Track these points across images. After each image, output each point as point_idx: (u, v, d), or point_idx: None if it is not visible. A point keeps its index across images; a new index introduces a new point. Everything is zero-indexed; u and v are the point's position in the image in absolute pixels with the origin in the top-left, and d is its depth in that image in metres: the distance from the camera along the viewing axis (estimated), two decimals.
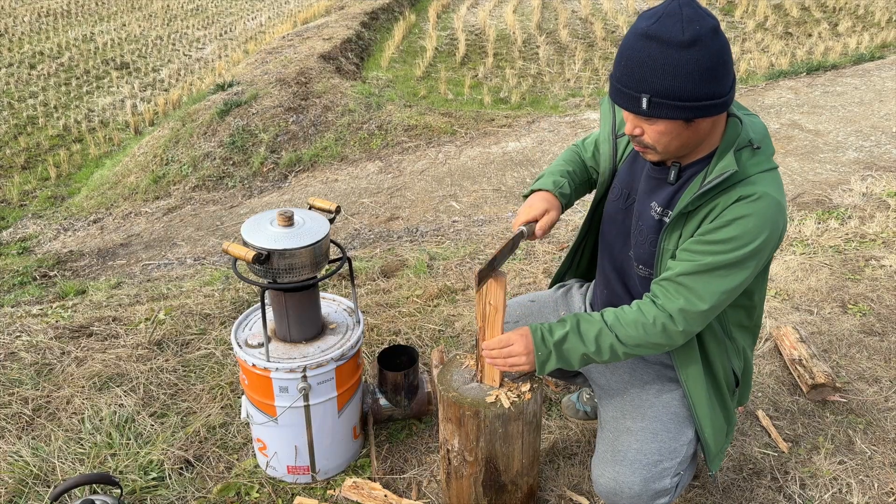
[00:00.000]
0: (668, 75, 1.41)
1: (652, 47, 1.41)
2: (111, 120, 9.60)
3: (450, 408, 1.85)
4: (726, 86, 1.46)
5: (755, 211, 1.49)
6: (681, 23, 1.40)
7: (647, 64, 1.42)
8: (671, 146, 1.53)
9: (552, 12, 13.07)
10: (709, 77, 1.41)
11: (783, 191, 1.57)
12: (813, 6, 12.04)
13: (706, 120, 1.50)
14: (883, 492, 2.14)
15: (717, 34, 1.41)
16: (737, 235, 1.50)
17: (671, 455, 1.72)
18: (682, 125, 1.48)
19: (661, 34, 1.40)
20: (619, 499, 1.72)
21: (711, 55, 1.40)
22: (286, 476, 2.23)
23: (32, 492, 2.20)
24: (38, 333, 3.12)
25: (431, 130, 6.99)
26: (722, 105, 1.47)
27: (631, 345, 1.62)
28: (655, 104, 1.44)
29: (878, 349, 2.85)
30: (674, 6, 1.42)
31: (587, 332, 1.64)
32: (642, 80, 1.43)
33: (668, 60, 1.40)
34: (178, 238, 5.64)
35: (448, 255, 3.98)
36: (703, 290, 1.55)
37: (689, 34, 1.39)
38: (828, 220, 4.17)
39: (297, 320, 2.09)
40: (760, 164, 1.54)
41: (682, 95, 1.42)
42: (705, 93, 1.43)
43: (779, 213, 1.52)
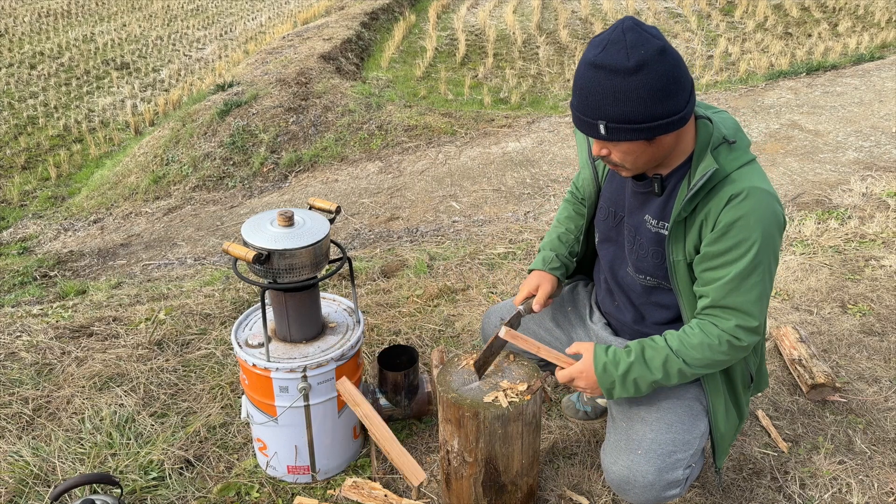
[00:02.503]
0: (620, 102, 1.45)
1: (601, 76, 1.45)
2: (111, 120, 9.60)
3: (449, 408, 1.85)
4: (681, 102, 1.49)
5: (749, 209, 1.53)
6: (625, 49, 1.43)
7: (598, 92, 1.46)
8: (639, 163, 1.58)
9: (552, 12, 13.07)
10: (660, 98, 1.45)
11: (766, 177, 1.61)
12: (813, 6, 12.04)
13: (668, 135, 1.54)
14: (883, 492, 2.14)
15: (663, 55, 1.44)
16: (742, 239, 1.54)
17: (685, 446, 1.73)
18: (644, 144, 1.53)
19: (607, 62, 1.44)
20: (631, 488, 1.73)
21: (659, 77, 1.44)
22: (286, 476, 2.23)
23: (32, 492, 2.20)
24: (39, 333, 3.12)
25: (431, 130, 7.00)
26: (679, 121, 1.50)
27: (699, 366, 1.65)
28: (612, 129, 1.49)
29: (878, 349, 2.85)
30: (617, 33, 1.45)
31: (653, 360, 1.66)
32: (597, 107, 1.48)
33: (617, 87, 1.44)
34: (178, 238, 5.64)
35: (448, 255, 3.98)
36: (745, 304, 1.58)
37: (635, 60, 1.42)
38: (828, 220, 4.17)
39: (298, 320, 2.10)
40: (739, 158, 1.58)
41: (636, 119, 1.46)
42: (659, 112, 1.46)
43: (770, 201, 1.55)
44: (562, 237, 2.07)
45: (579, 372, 1.72)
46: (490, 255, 3.90)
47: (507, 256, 3.88)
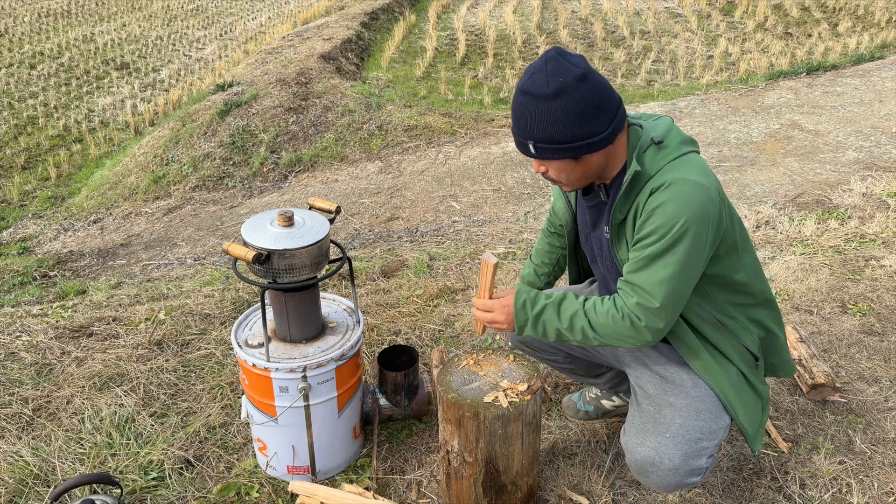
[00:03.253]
0: (543, 124, 1.60)
1: (527, 101, 1.61)
2: (111, 120, 9.60)
3: (449, 409, 1.85)
4: (601, 125, 1.61)
5: (669, 197, 1.60)
6: (546, 77, 1.58)
7: (526, 115, 1.63)
8: (573, 178, 1.72)
9: (552, 12, 13.07)
10: (579, 121, 1.59)
11: (701, 169, 1.66)
12: (813, 6, 12.04)
13: (595, 154, 1.66)
14: (883, 492, 2.14)
15: (583, 81, 1.58)
16: (660, 224, 1.61)
17: (711, 435, 1.77)
18: (572, 162, 1.67)
19: (531, 89, 1.60)
20: (655, 470, 1.75)
21: (578, 101, 1.58)
22: (286, 476, 2.23)
23: (32, 492, 2.20)
24: (39, 333, 3.12)
25: (431, 130, 7.00)
26: (601, 141, 1.63)
27: (601, 333, 1.72)
28: (540, 149, 1.65)
29: (878, 349, 2.85)
30: (541, 63, 1.61)
31: (565, 310, 1.75)
32: (526, 129, 1.64)
33: (540, 111, 1.60)
34: (178, 238, 5.64)
35: (448, 255, 3.98)
36: (648, 282, 1.65)
37: (554, 87, 1.57)
38: (828, 220, 4.17)
39: (298, 320, 2.09)
40: (667, 155, 1.67)
41: (559, 139, 1.61)
42: (580, 134, 1.60)
43: (695, 190, 1.60)
44: (538, 271, 2.24)
45: (502, 306, 1.80)
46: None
47: (507, 256, 3.88)
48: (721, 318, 1.79)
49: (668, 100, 7.61)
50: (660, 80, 8.72)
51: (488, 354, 2.02)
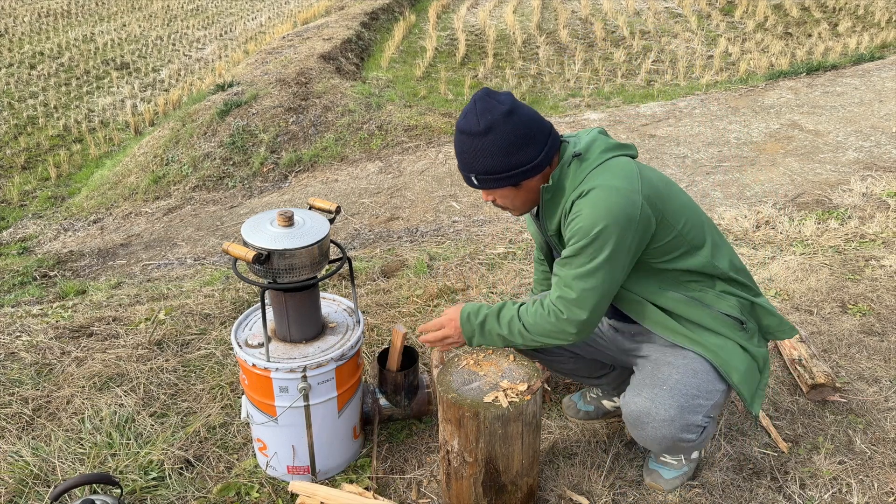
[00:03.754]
0: (479, 158, 1.77)
1: (464, 138, 1.78)
2: (111, 120, 9.60)
3: (449, 409, 1.85)
4: (532, 153, 1.76)
5: (588, 202, 1.72)
6: (476, 116, 1.75)
7: (464, 152, 1.80)
8: (517, 203, 1.88)
9: (552, 12, 13.07)
10: (511, 151, 1.74)
11: (623, 173, 1.76)
12: (813, 6, 12.04)
13: (533, 179, 1.81)
14: (883, 492, 2.14)
15: (510, 116, 1.73)
16: (579, 228, 1.73)
17: (707, 395, 1.84)
18: (513, 189, 1.83)
19: (465, 128, 1.77)
20: (651, 420, 1.82)
21: (507, 135, 1.73)
22: (286, 476, 2.23)
23: (32, 492, 2.20)
24: (38, 333, 3.12)
25: (431, 130, 7.00)
26: (536, 167, 1.78)
27: (534, 332, 1.85)
28: (481, 180, 1.81)
29: (878, 349, 2.85)
30: (471, 104, 1.78)
31: (504, 317, 1.90)
32: (466, 164, 1.81)
33: (474, 147, 1.76)
34: (178, 238, 5.64)
35: (448, 255, 3.98)
36: (566, 276, 1.78)
37: (483, 124, 1.74)
38: (828, 220, 4.17)
39: (297, 320, 2.09)
40: (587, 166, 1.78)
41: (495, 170, 1.77)
42: (514, 163, 1.76)
43: (614, 195, 1.71)
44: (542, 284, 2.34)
45: (448, 320, 1.96)
46: (490, 255, 3.90)
47: (507, 256, 3.88)
48: (691, 294, 1.87)
49: (668, 100, 7.61)
50: (660, 80, 8.73)
51: (488, 354, 2.02)
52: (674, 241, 1.80)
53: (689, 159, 5.73)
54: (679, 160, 5.72)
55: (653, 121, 6.79)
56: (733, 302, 1.88)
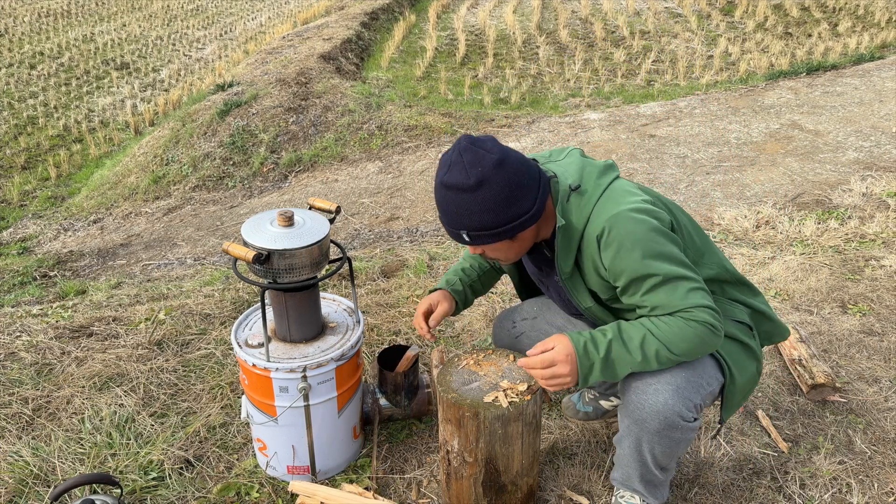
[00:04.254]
0: (473, 214, 1.61)
1: (451, 195, 1.62)
2: (111, 120, 9.60)
3: (449, 409, 1.85)
4: (527, 203, 1.63)
5: (618, 240, 1.62)
6: (465, 170, 1.59)
7: (452, 208, 1.63)
8: (510, 254, 1.76)
9: (552, 12, 13.07)
10: (506, 205, 1.61)
11: (628, 195, 1.68)
12: (813, 6, 12.04)
13: (528, 229, 1.68)
14: (883, 492, 2.14)
15: (501, 166, 1.59)
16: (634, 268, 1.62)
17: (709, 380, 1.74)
18: (507, 242, 1.69)
19: (453, 183, 1.60)
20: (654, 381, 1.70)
21: (502, 187, 1.59)
22: (286, 476, 2.23)
23: (32, 492, 2.20)
24: (38, 333, 3.12)
25: (431, 130, 7.00)
26: (531, 217, 1.65)
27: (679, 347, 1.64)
28: (474, 237, 1.66)
29: (878, 349, 2.85)
30: (455, 156, 1.62)
31: (631, 341, 1.65)
32: (455, 221, 1.65)
33: (466, 203, 1.61)
34: (178, 238, 5.64)
35: (448, 255, 3.98)
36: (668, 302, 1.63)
37: (474, 178, 1.58)
38: (828, 220, 4.17)
39: (297, 320, 2.09)
40: (591, 198, 1.68)
41: (490, 226, 1.63)
42: (510, 216, 1.62)
43: (628, 217, 1.62)
44: (466, 271, 2.18)
45: (564, 355, 1.66)
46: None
47: None
48: None
49: (668, 99, 7.61)
50: (660, 80, 8.73)
51: (488, 354, 2.02)
52: (692, 258, 1.76)
53: (689, 159, 5.73)
54: (679, 160, 5.72)
55: (653, 121, 6.79)
56: (741, 308, 1.86)
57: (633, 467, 1.86)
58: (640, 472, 1.86)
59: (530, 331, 2.16)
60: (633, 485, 1.91)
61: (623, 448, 1.85)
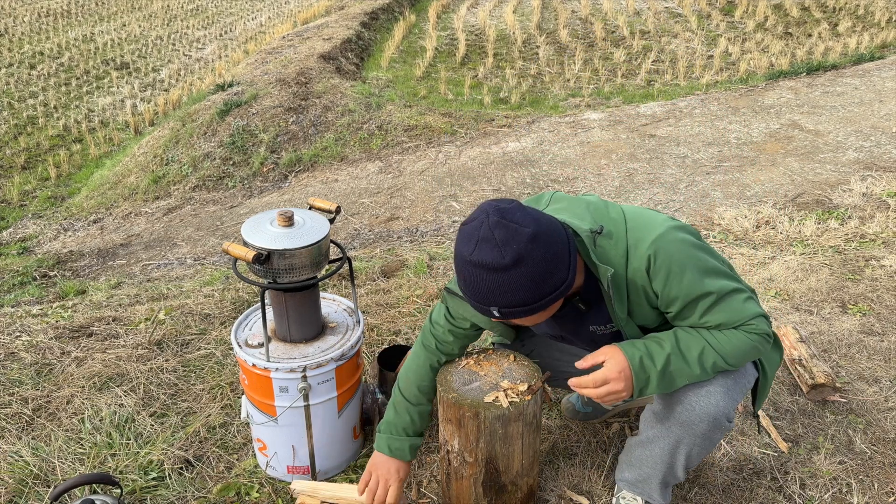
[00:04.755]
0: (507, 293, 1.47)
1: (482, 274, 1.46)
2: (111, 120, 9.60)
3: (449, 409, 1.85)
4: (564, 271, 1.50)
5: (665, 262, 1.58)
6: (498, 248, 1.43)
7: (484, 287, 1.47)
8: (540, 320, 1.61)
9: (552, 12, 13.07)
10: (544, 280, 1.47)
11: (643, 215, 1.65)
12: (813, 6, 12.04)
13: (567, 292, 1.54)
14: (883, 492, 2.14)
15: (536, 241, 1.44)
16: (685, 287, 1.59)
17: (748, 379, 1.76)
18: (542, 312, 1.56)
19: (484, 261, 1.44)
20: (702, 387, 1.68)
21: (538, 263, 1.45)
22: (286, 476, 2.23)
23: (32, 492, 2.20)
24: (38, 333, 3.12)
25: (431, 130, 6.99)
26: (568, 286, 1.52)
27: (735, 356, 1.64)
28: (506, 313, 1.51)
29: (878, 349, 2.85)
30: (485, 230, 1.45)
31: (689, 351, 1.62)
32: (486, 298, 1.49)
33: (499, 282, 1.45)
34: (178, 238, 5.64)
35: (448, 255, 3.98)
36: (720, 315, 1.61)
37: (511, 257, 1.43)
38: (828, 220, 4.17)
39: (297, 320, 2.09)
40: (617, 232, 1.62)
41: (526, 302, 1.48)
42: (547, 291, 1.49)
43: (666, 237, 1.59)
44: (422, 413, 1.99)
45: (618, 371, 1.59)
46: None
47: None
48: None
49: (668, 99, 7.61)
50: (660, 80, 8.73)
51: (488, 354, 2.02)
52: None
53: (689, 159, 5.73)
54: (679, 160, 5.72)
55: (653, 121, 6.79)
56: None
57: (657, 469, 1.85)
58: (664, 473, 1.85)
59: (540, 348, 2.14)
60: (648, 487, 1.91)
61: (651, 450, 1.83)
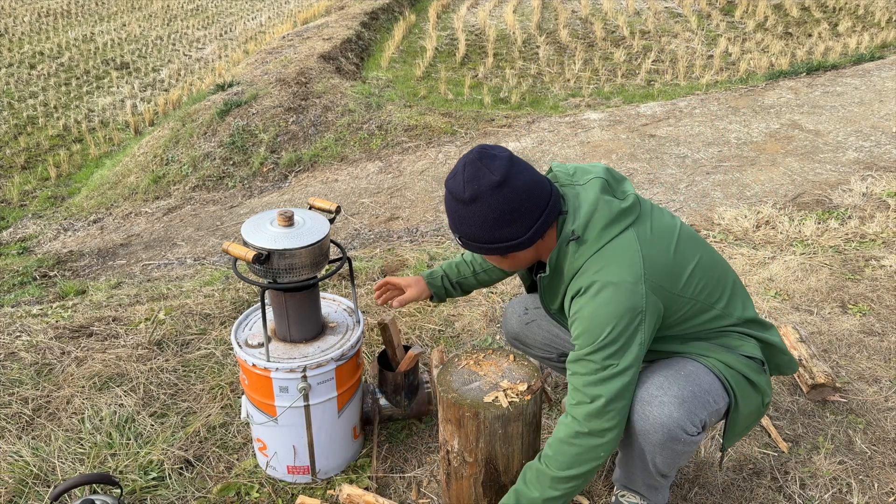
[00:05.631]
0: (463, 224, 1.66)
1: (450, 200, 1.68)
2: (111, 120, 9.60)
3: (449, 409, 1.85)
4: (520, 229, 1.63)
5: (589, 305, 1.61)
6: (463, 182, 1.63)
7: (449, 212, 1.70)
8: (504, 265, 1.79)
9: (552, 12, 13.07)
10: (495, 226, 1.62)
11: (623, 262, 1.61)
12: (813, 6, 12.04)
13: (519, 252, 1.68)
14: (883, 492, 2.14)
15: (499, 189, 1.59)
16: (584, 331, 1.62)
17: (716, 398, 1.72)
18: (499, 257, 1.73)
19: (452, 191, 1.66)
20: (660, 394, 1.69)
21: (493, 209, 1.60)
22: (286, 476, 2.23)
23: (32, 492, 2.20)
24: (38, 333, 3.12)
25: (431, 130, 6.99)
26: (521, 244, 1.65)
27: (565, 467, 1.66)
28: (465, 243, 1.71)
29: (878, 349, 2.85)
30: (460, 166, 1.65)
31: (529, 476, 1.71)
32: (452, 223, 1.71)
33: (458, 212, 1.66)
34: (178, 238, 5.64)
35: (448, 255, 3.98)
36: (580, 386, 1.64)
37: (469, 193, 1.61)
38: (828, 220, 4.17)
39: (297, 320, 2.09)
40: (586, 251, 1.64)
41: (477, 239, 1.67)
42: (497, 237, 1.64)
43: (615, 293, 1.59)
44: (460, 267, 2.20)
45: None
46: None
47: None
48: (715, 342, 1.78)
49: (668, 99, 7.61)
50: (660, 80, 8.72)
51: (488, 354, 2.02)
52: (689, 309, 1.71)
53: (689, 159, 5.73)
54: (679, 160, 5.72)
55: (653, 121, 6.79)
56: (754, 343, 1.81)
57: (635, 472, 1.86)
58: (643, 476, 1.86)
59: (541, 319, 2.16)
60: (634, 487, 1.92)
61: (627, 454, 1.85)
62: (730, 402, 1.76)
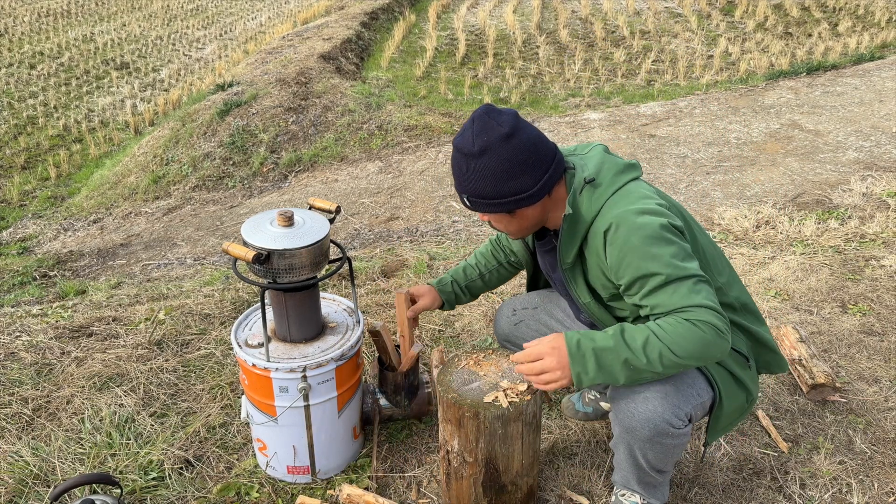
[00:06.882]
0: (472, 180, 1.66)
1: (458, 157, 1.68)
2: (111, 120, 9.60)
3: (449, 409, 1.85)
4: (529, 181, 1.65)
5: (625, 237, 1.61)
6: (472, 136, 1.64)
7: (457, 171, 1.69)
8: (511, 228, 1.78)
9: (552, 12, 13.07)
10: (505, 178, 1.64)
11: (641, 197, 1.67)
12: (813, 6, 12.04)
13: (530, 207, 1.70)
14: (883, 492, 2.14)
15: (508, 140, 1.62)
16: (638, 266, 1.60)
17: (699, 392, 1.73)
18: (507, 216, 1.73)
19: (460, 146, 1.67)
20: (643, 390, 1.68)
21: (503, 160, 1.62)
22: (286, 476, 2.23)
23: (32, 492, 2.20)
24: (38, 333, 3.12)
25: (431, 130, 7.00)
26: (531, 196, 1.67)
27: (684, 351, 1.56)
28: (473, 202, 1.71)
29: (878, 349, 2.85)
30: (469, 122, 1.66)
31: (633, 340, 1.58)
32: (459, 183, 1.70)
33: (467, 167, 1.66)
34: (178, 238, 5.64)
35: (448, 255, 3.98)
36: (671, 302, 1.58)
37: (478, 146, 1.63)
38: (828, 220, 4.17)
39: (297, 320, 2.09)
40: (603, 193, 1.68)
41: (487, 195, 1.67)
42: (507, 191, 1.65)
43: (638, 217, 1.61)
44: (467, 270, 2.24)
45: (551, 348, 1.61)
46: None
47: None
48: None
49: (668, 99, 7.61)
50: (660, 80, 8.73)
51: (488, 354, 2.02)
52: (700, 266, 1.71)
53: (689, 159, 5.73)
54: (679, 160, 5.72)
55: (653, 121, 6.79)
56: (742, 337, 1.82)
57: (630, 470, 1.87)
58: (637, 474, 1.86)
59: (529, 320, 2.18)
60: (632, 486, 1.92)
61: (618, 453, 1.86)
62: (714, 397, 1.77)
